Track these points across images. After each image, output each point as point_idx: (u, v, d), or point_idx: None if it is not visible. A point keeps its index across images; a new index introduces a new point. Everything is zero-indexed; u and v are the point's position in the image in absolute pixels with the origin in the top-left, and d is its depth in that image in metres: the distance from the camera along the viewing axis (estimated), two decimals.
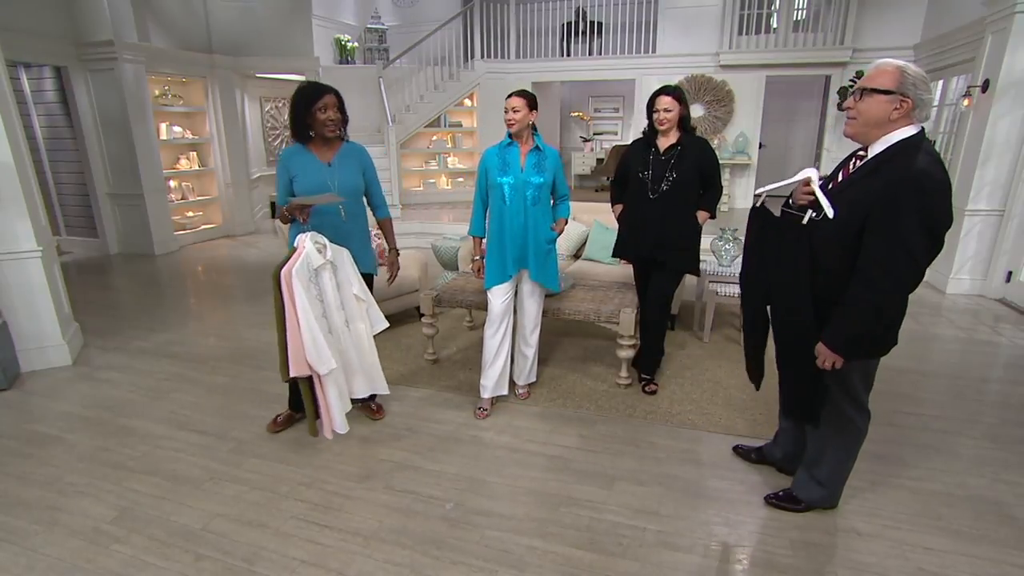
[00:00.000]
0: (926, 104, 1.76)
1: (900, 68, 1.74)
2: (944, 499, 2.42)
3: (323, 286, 2.51)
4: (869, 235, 1.75)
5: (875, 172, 1.78)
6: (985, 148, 5.01)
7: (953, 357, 3.96)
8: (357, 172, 2.76)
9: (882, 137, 1.79)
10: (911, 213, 1.68)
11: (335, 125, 2.64)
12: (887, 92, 1.73)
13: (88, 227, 7.32)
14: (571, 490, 2.50)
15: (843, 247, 1.81)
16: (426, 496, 2.46)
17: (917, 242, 1.70)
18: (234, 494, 2.48)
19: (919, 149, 1.74)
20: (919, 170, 1.69)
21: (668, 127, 3.05)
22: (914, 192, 1.68)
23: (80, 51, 6.47)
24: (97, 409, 3.25)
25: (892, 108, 1.74)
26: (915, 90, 1.72)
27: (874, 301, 1.77)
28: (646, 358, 3.41)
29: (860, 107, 1.79)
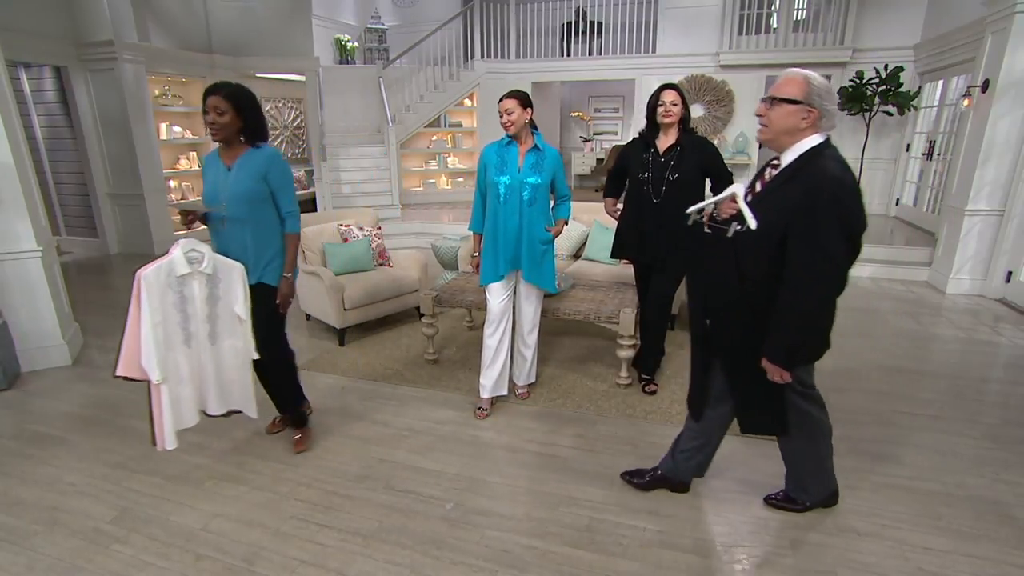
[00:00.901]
0: (832, 114, 1.83)
1: (806, 78, 1.80)
2: (944, 499, 2.42)
3: (189, 295, 2.39)
4: (792, 243, 1.79)
5: (790, 180, 1.84)
6: (985, 148, 5.01)
7: (953, 357, 3.96)
8: (254, 178, 2.50)
9: (793, 145, 1.84)
10: (829, 219, 1.73)
11: (217, 130, 2.44)
12: (794, 102, 1.79)
13: (88, 227, 7.32)
14: (571, 490, 2.50)
15: (767, 256, 1.84)
16: (426, 496, 2.46)
17: (837, 247, 1.75)
18: (234, 494, 2.48)
19: (829, 157, 1.80)
20: (832, 177, 1.75)
21: (672, 121, 3.03)
22: (829, 199, 1.73)
23: (80, 51, 6.47)
24: (97, 409, 3.25)
25: (800, 117, 1.80)
26: (820, 100, 1.78)
27: (804, 307, 1.81)
28: (646, 358, 3.41)
29: (771, 115, 1.86)
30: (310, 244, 4.33)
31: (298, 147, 10.12)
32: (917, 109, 7.56)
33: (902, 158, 7.99)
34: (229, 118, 2.43)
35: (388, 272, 4.40)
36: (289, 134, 9.90)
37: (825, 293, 1.81)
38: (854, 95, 7.51)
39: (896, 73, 7.21)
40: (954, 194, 5.44)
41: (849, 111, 7.69)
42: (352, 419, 3.11)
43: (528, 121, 2.89)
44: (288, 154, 9.90)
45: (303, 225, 4.38)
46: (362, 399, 3.34)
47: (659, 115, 3.04)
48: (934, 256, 5.78)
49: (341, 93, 9.07)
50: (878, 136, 7.98)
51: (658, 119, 3.06)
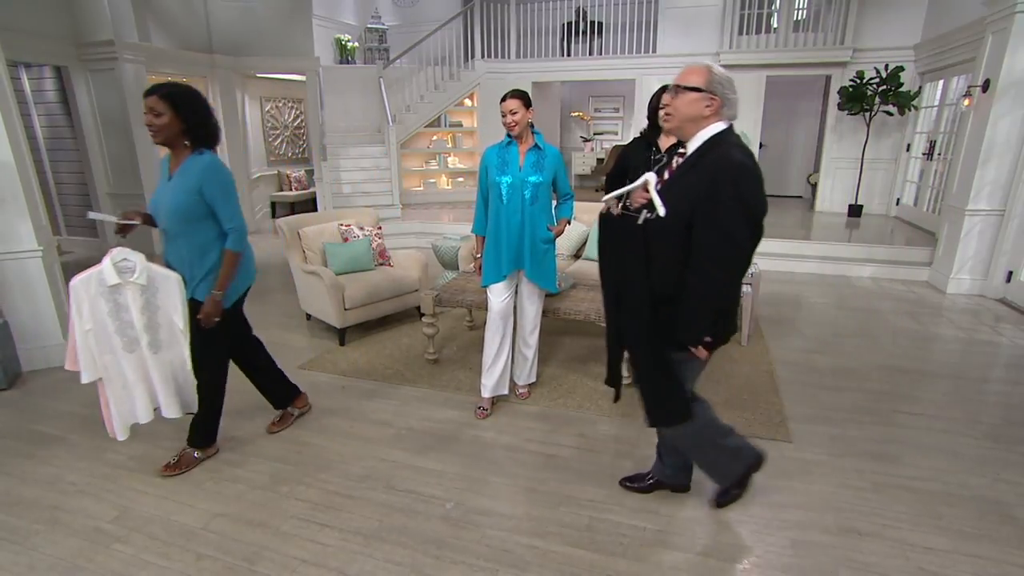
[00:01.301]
0: (733, 103, 1.89)
1: (708, 68, 1.85)
2: (945, 499, 2.42)
3: (124, 303, 2.35)
4: (697, 229, 1.82)
5: (694, 167, 1.88)
6: (986, 148, 5.01)
7: (954, 357, 3.95)
8: (188, 191, 2.35)
9: (697, 133, 1.89)
10: (732, 204, 1.77)
11: (154, 132, 2.32)
12: (697, 90, 1.84)
13: (89, 227, 7.32)
14: (571, 489, 2.50)
15: (675, 243, 1.87)
16: (427, 496, 2.46)
17: (740, 230, 1.80)
18: (235, 493, 2.48)
19: (731, 144, 1.86)
20: (735, 163, 1.81)
21: None
22: (732, 184, 1.78)
23: (80, 51, 6.47)
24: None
25: (704, 105, 1.85)
26: (722, 88, 1.84)
27: (711, 290, 1.86)
28: None
29: (675, 104, 1.90)
30: (311, 244, 4.33)
31: (298, 147, 10.12)
32: (917, 109, 7.56)
33: (902, 158, 7.98)
34: (167, 119, 2.31)
35: (388, 272, 4.40)
36: (289, 134, 9.91)
37: (730, 276, 1.86)
38: (854, 95, 7.51)
39: (896, 73, 7.21)
40: (954, 194, 5.44)
41: (849, 111, 7.70)
42: (352, 419, 3.11)
43: (529, 122, 2.89)
44: (288, 154, 9.90)
45: (303, 224, 4.41)
46: (362, 399, 3.34)
47: (660, 118, 3.04)
48: (934, 256, 5.78)
49: (341, 93, 9.06)
50: (878, 136, 7.97)
51: (660, 121, 3.06)
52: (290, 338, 4.32)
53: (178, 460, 2.66)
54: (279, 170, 9.69)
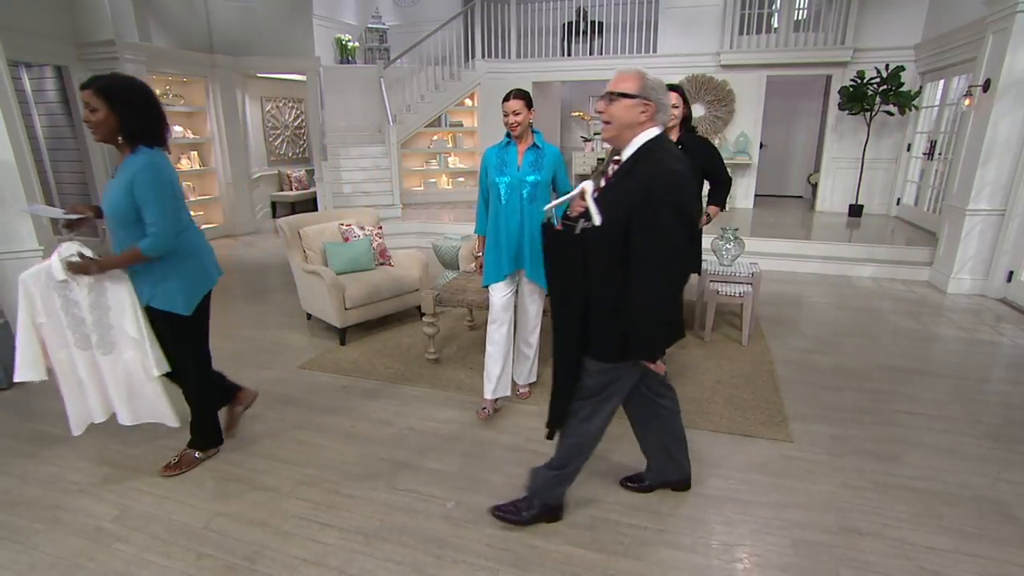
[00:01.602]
0: (666, 108, 1.89)
1: (641, 74, 1.86)
2: (946, 498, 2.42)
3: (74, 299, 2.32)
4: (634, 235, 1.81)
5: (629, 174, 1.87)
6: (986, 148, 5.01)
7: (954, 357, 3.95)
8: (122, 192, 2.21)
9: (633, 139, 1.88)
10: (666, 209, 1.77)
11: (92, 129, 2.20)
12: (632, 96, 1.83)
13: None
14: (572, 489, 2.47)
15: (612, 251, 1.85)
16: (427, 495, 2.46)
17: (677, 234, 1.79)
18: (236, 493, 2.48)
19: (665, 150, 1.87)
20: (668, 168, 1.81)
21: (674, 124, 3.05)
22: (666, 189, 1.78)
23: (81, 51, 6.48)
24: None
25: (639, 111, 1.84)
26: (656, 94, 1.85)
27: (653, 296, 1.84)
28: None
29: (611, 111, 1.87)
30: (311, 244, 4.33)
31: (299, 147, 10.12)
32: (918, 109, 7.56)
33: (903, 158, 7.98)
34: (102, 115, 2.17)
35: (389, 272, 4.40)
36: (290, 134, 9.90)
37: (670, 280, 1.86)
38: (855, 95, 7.51)
39: (897, 73, 7.21)
40: (955, 194, 5.44)
41: (850, 111, 7.69)
42: (353, 418, 3.11)
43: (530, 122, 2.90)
44: (289, 153, 9.90)
45: (303, 224, 4.41)
46: (363, 398, 3.34)
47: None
48: (935, 256, 5.78)
49: (342, 93, 9.07)
50: (879, 136, 7.97)
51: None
52: (290, 338, 4.32)
53: (179, 460, 2.66)
54: (279, 170, 9.69)
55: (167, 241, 2.29)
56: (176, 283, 2.39)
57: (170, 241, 2.30)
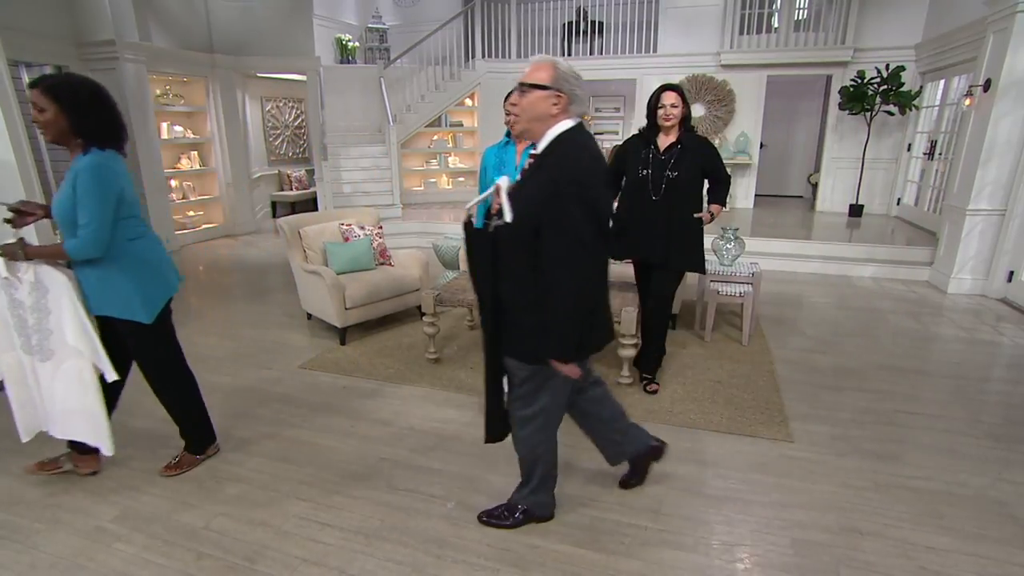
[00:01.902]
0: (581, 99, 1.84)
1: (553, 63, 1.80)
2: (946, 498, 2.42)
3: (18, 299, 2.26)
4: (544, 233, 1.75)
5: (539, 168, 1.82)
6: (987, 148, 5.01)
7: (955, 357, 3.95)
8: (66, 194, 2.16)
9: (546, 132, 1.83)
10: (573, 204, 1.72)
11: (41, 129, 2.15)
12: (544, 87, 1.78)
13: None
14: (573, 488, 2.49)
15: (523, 248, 1.79)
16: (427, 495, 2.46)
17: (586, 230, 1.74)
18: (236, 493, 2.48)
19: (574, 142, 1.80)
20: (574, 161, 1.77)
21: (673, 124, 3.05)
22: (572, 183, 1.73)
23: (81, 51, 6.48)
24: None
25: (551, 103, 1.79)
26: (568, 85, 1.78)
27: (566, 295, 1.77)
28: (647, 357, 3.41)
29: (522, 103, 1.82)
30: (312, 244, 4.33)
31: (299, 146, 10.11)
32: (918, 109, 7.55)
33: (903, 158, 7.98)
34: (51, 115, 2.11)
35: (389, 271, 4.40)
36: (290, 133, 9.90)
37: (582, 277, 1.77)
38: (855, 95, 7.51)
39: (897, 73, 7.21)
40: (955, 194, 5.44)
41: (850, 111, 7.69)
42: (353, 418, 3.11)
43: None
44: (289, 153, 9.90)
45: (303, 224, 4.41)
46: (363, 398, 3.34)
47: (659, 118, 3.05)
48: (935, 256, 5.78)
49: (342, 93, 9.06)
50: (879, 136, 7.97)
51: (659, 121, 3.07)
52: (291, 337, 4.32)
53: (179, 460, 2.65)
54: (279, 170, 9.69)
55: (97, 246, 2.17)
56: (134, 292, 2.30)
57: (100, 246, 2.18)
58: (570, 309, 1.78)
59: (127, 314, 2.31)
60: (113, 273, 2.28)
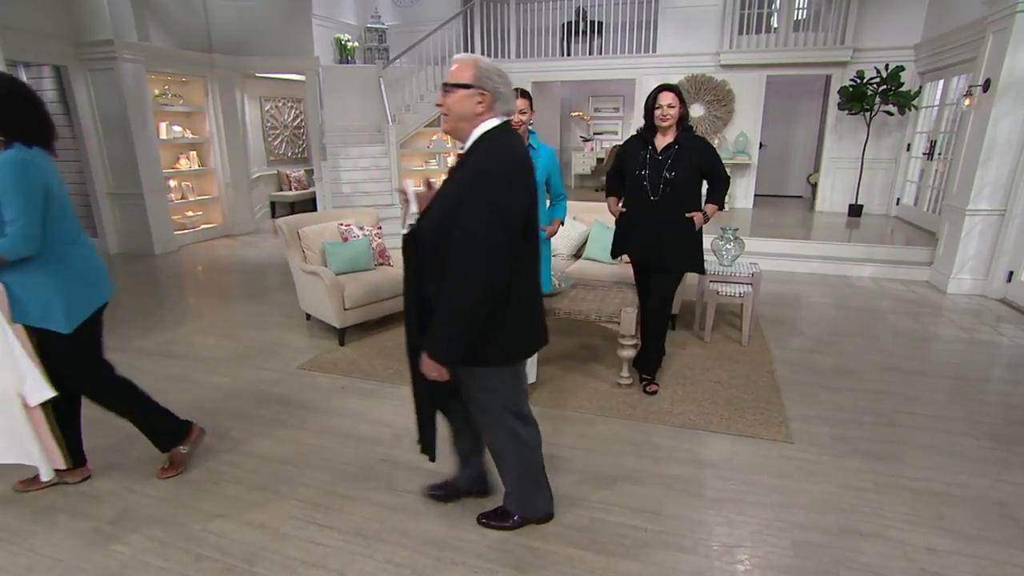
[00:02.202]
0: (507, 97, 1.81)
1: (475, 61, 1.78)
2: (946, 499, 2.41)
3: None
4: (454, 233, 1.72)
5: (461, 167, 1.80)
6: (986, 148, 5.00)
7: (954, 357, 3.95)
8: None
9: (472, 132, 1.81)
10: (481, 204, 1.69)
11: None
12: (467, 86, 1.76)
13: (88, 226, 7.30)
14: (572, 490, 2.48)
15: (437, 250, 1.77)
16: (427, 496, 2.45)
17: (491, 232, 1.68)
18: (234, 494, 2.47)
19: (495, 141, 1.78)
20: (491, 161, 1.74)
21: (670, 124, 3.05)
22: (483, 182, 1.71)
23: (79, 51, 6.47)
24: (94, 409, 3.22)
25: (476, 102, 1.77)
26: (492, 83, 1.77)
27: (460, 297, 1.72)
28: (647, 358, 3.41)
29: (448, 103, 1.80)
30: (310, 244, 4.32)
31: (298, 147, 10.11)
32: (918, 109, 7.55)
33: (903, 158, 7.98)
34: None
35: (388, 272, 4.39)
36: (289, 134, 9.89)
37: (482, 281, 1.71)
38: (855, 95, 7.51)
39: (897, 73, 7.21)
40: (955, 194, 5.44)
41: (850, 111, 7.69)
42: (352, 419, 3.10)
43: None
44: (288, 153, 9.89)
45: (302, 224, 4.40)
46: (362, 398, 3.33)
47: (656, 118, 3.05)
48: (935, 256, 5.77)
49: (341, 93, 9.05)
50: (879, 136, 7.97)
51: (656, 121, 3.06)
52: (290, 338, 4.31)
53: (169, 462, 2.63)
54: (279, 170, 9.68)
55: (28, 242, 2.08)
56: (56, 298, 2.20)
57: (32, 243, 2.10)
58: (461, 311, 1.73)
59: (44, 322, 2.20)
60: (37, 277, 2.18)
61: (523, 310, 1.91)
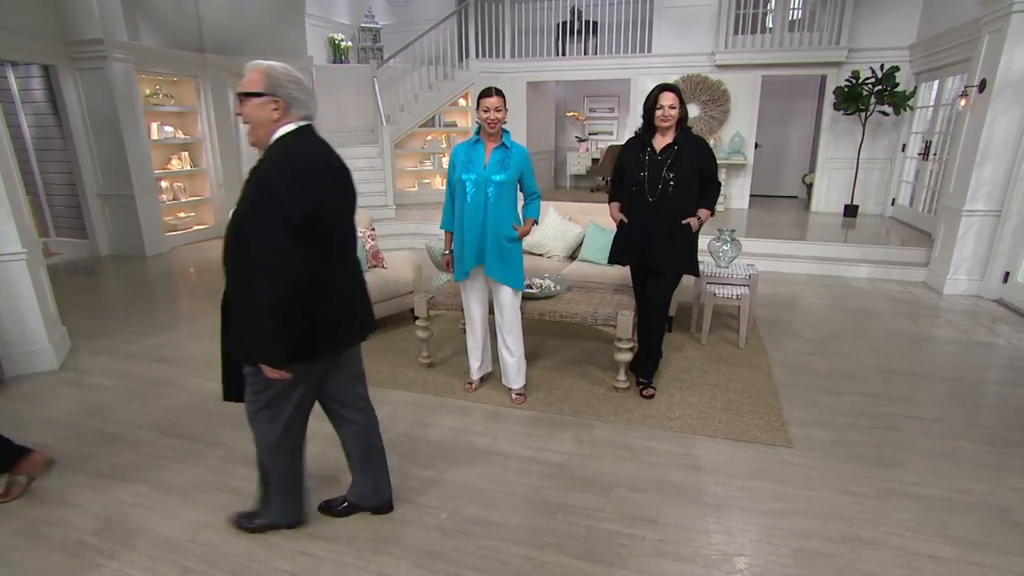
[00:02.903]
0: (302, 101, 1.83)
1: (265, 69, 1.79)
2: (948, 505, 2.38)
3: None
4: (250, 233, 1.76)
5: (256, 170, 1.80)
6: (982, 148, 4.99)
7: (951, 359, 3.92)
8: None
9: (270, 137, 1.83)
10: (264, 207, 1.71)
11: None
12: (259, 94, 1.77)
13: (78, 228, 7.22)
14: (568, 498, 2.44)
15: (238, 251, 1.79)
16: (420, 504, 2.40)
17: (273, 233, 1.70)
18: (223, 504, 2.41)
19: (288, 144, 1.80)
20: (276, 163, 1.75)
21: (670, 125, 3.00)
22: (265, 186, 1.72)
23: (68, 49, 6.38)
24: (83, 415, 3.17)
25: (271, 109, 1.79)
26: (284, 89, 1.79)
27: (259, 301, 1.73)
28: (644, 361, 3.37)
29: (245, 112, 1.81)
30: None
31: None
32: (913, 109, 7.55)
33: (898, 158, 7.98)
34: None
35: (382, 274, 4.33)
36: None
37: (270, 283, 1.72)
38: (850, 95, 7.50)
39: (892, 73, 7.20)
40: (951, 194, 5.42)
41: (845, 111, 7.68)
42: None
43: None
44: None
45: None
46: None
47: (657, 119, 3.00)
48: (931, 257, 5.76)
49: (335, 93, 8.98)
50: (873, 136, 7.97)
51: (656, 122, 3.02)
52: None
53: (6, 488, 2.45)
54: None
55: None
56: None
57: None
58: (264, 312, 1.74)
59: None
60: None
61: (330, 309, 1.90)
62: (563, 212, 4.96)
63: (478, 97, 2.90)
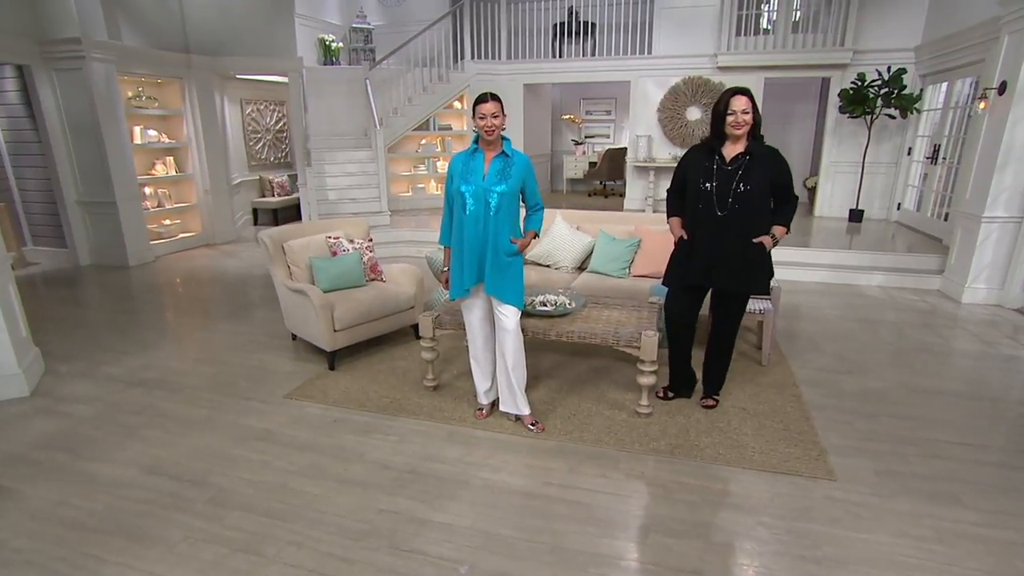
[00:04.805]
0: None
1: None
2: (1021, 550, 2.16)
3: None
4: None
5: None
6: (1003, 153, 4.82)
7: (983, 375, 3.73)
8: None
9: None
10: None
11: None
12: None
13: (56, 236, 6.87)
14: (598, 545, 2.20)
15: None
16: (436, 556, 2.14)
17: None
18: (213, 558, 2.14)
19: None
20: None
21: (743, 132, 2.74)
22: None
23: (44, 49, 6.04)
24: (54, 451, 2.87)
25: None
26: None
27: None
28: (710, 383, 3.27)
29: None
30: (296, 259, 3.98)
31: (281, 151, 9.73)
32: (919, 112, 7.40)
33: (903, 162, 7.83)
34: None
35: (381, 288, 4.07)
36: (271, 138, 9.52)
37: None
38: (856, 97, 7.34)
39: (899, 75, 7.05)
40: (968, 200, 5.25)
41: (851, 114, 7.52)
42: (347, 460, 2.78)
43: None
44: (271, 158, 9.52)
45: (287, 237, 4.06)
46: (357, 434, 3.01)
47: (728, 125, 2.73)
48: (947, 264, 5.59)
49: (326, 95, 8.69)
50: (878, 139, 7.82)
51: (727, 129, 2.75)
52: (274, 361, 3.96)
53: None
54: (261, 175, 9.29)
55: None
56: None
57: None
58: None
59: None
60: None
61: None
62: (571, 221, 4.72)
63: (474, 104, 2.68)
